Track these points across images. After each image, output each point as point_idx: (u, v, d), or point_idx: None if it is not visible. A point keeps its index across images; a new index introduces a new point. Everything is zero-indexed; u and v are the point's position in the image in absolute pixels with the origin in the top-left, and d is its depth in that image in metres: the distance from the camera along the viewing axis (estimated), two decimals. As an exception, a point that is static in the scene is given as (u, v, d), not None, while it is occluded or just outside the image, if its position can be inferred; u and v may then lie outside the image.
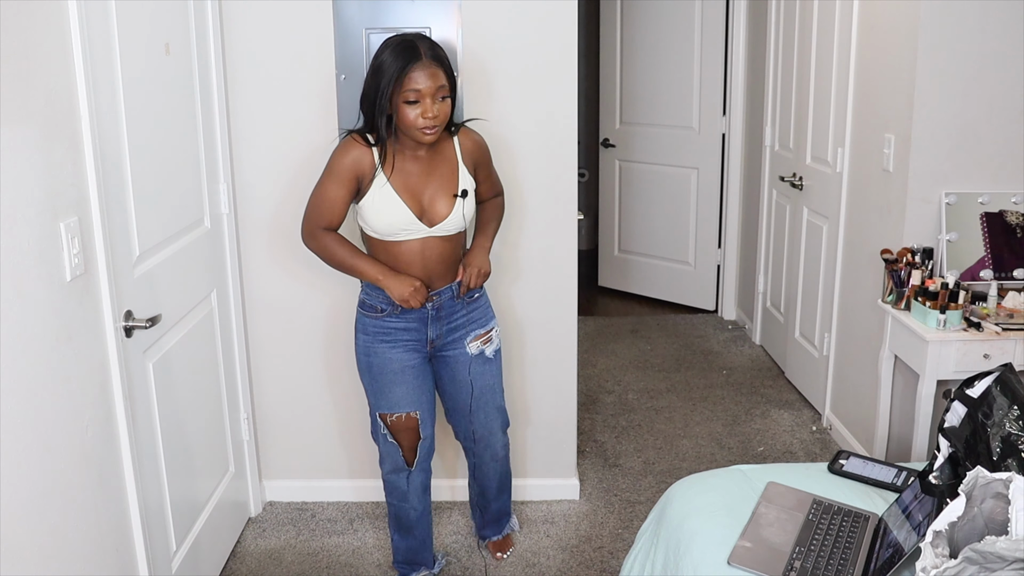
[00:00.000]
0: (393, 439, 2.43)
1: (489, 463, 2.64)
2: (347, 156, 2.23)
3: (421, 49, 2.13)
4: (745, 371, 4.24)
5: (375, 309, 2.35)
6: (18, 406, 1.62)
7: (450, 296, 2.37)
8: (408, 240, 2.27)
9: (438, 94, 2.15)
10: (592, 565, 2.74)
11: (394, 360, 2.36)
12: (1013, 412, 1.68)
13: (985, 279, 2.81)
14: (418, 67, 2.11)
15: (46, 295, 1.72)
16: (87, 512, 1.87)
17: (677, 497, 2.06)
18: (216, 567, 2.67)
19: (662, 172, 5.08)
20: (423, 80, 2.11)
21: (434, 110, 2.14)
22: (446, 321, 2.39)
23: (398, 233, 2.26)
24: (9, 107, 1.60)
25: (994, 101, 2.80)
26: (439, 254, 2.31)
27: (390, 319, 2.34)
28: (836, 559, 1.74)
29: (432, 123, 2.15)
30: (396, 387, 2.37)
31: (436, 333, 2.39)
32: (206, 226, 2.61)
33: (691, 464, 3.34)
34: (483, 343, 2.44)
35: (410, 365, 2.37)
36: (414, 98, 2.12)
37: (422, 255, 2.29)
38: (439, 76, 2.14)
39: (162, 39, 2.28)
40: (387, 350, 2.35)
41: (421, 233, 2.27)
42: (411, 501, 2.53)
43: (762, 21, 4.40)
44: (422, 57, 2.12)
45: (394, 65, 2.11)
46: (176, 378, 2.36)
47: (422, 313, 2.34)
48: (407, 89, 2.11)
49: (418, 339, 2.37)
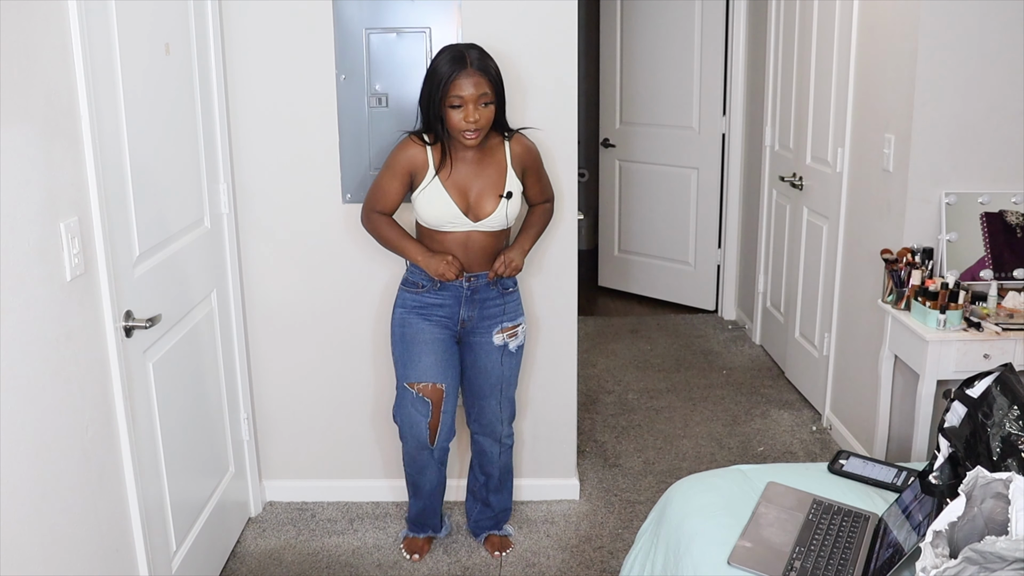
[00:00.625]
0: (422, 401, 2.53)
1: (493, 449, 2.72)
2: (403, 153, 2.47)
3: (468, 59, 2.34)
4: (745, 371, 4.24)
5: (416, 285, 2.54)
6: (18, 406, 1.62)
7: (486, 282, 2.53)
8: (454, 231, 2.48)
9: (480, 100, 2.34)
10: (592, 565, 2.74)
11: (425, 331, 2.53)
12: (1013, 412, 1.68)
13: (985, 279, 2.81)
14: (463, 75, 2.32)
15: (46, 295, 1.72)
16: (87, 512, 1.87)
17: (677, 497, 2.06)
18: (216, 567, 2.67)
19: (662, 172, 5.08)
20: (467, 87, 2.32)
21: (475, 115, 2.34)
22: (479, 305, 2.55)
23: (444, 225, 2.46)
24: (9, 107, 1.60)
25: (994, 101, 2.80)
26: (481, 246, 2.51)
27: (428, 295, 2.53)
28: (836, 559, 1.74)
29: (472, 126, 2.35)
30: (425, 356, 2.53)
31: (468, 315, 2.55)
32: (206, 226, 2.61)
33: (691, 464, 3.34)
34: (508, 336, 2.60)
35: (440, 338, 2.54)
36: (458, 103, 2.33)
37: (465, 246, 2.49)
38: (482, 84, 2.34)
39: (162, 39, 2.28)
40: (420, 321, 2.54)
41: (466, 227, 2.47)
42: (427, 475, 2.70)
43: (762, 21, 4.40)
44: (468, 66, 2.33)
45: (443, 73, 2.33)
46: (176, 378, 2.36)
47: (457, 292, 2.51)
48: (452, 95, 2.33)
49: (451, 316, 2.54)
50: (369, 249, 2.82)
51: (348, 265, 2.87)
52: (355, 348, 2.95)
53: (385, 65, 2.72)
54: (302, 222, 2.84)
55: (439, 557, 2.79)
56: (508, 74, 2.71)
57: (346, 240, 2.84)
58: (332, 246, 2.86)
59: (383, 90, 2.73)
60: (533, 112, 2.74)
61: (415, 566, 2.74)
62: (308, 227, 2.85)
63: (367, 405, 3.01)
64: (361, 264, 2.86)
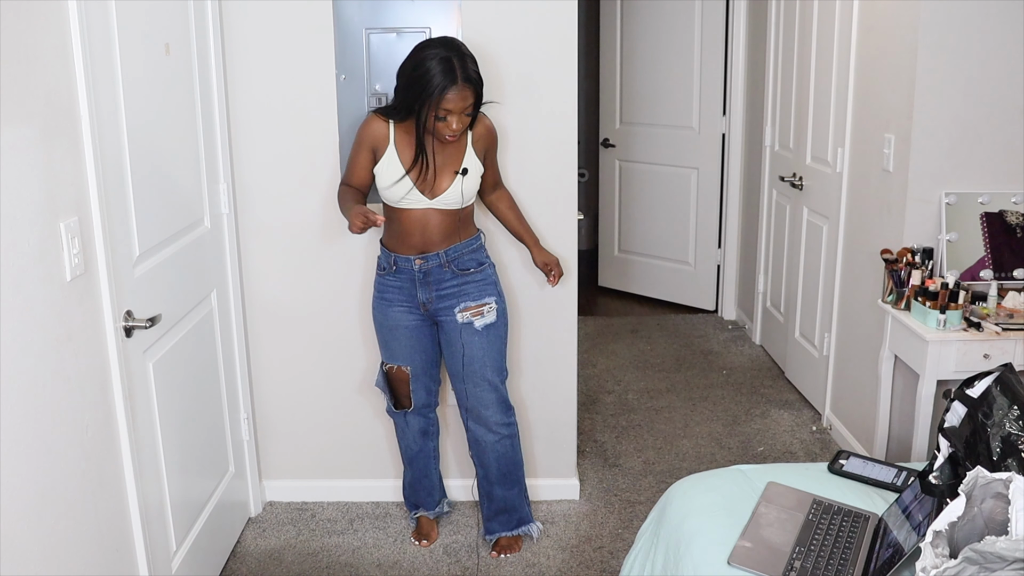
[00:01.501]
0: (388, 384, 2.75)
1: (485, 437, 2.71)
2: (366, 129, 2.54)
3: (458, 72, 2.36)
4: (745, 371, 4.24)
5: (380, 267, 2.66)
6: (18, 406, 1.62)
7: (438, 264, 2.57)
8: (411, 209, 2.52)
9: (465, 111, 2.42)
10: (592, 565, 2.74)
11: (390, 318, 2.65)
12: (1013, 412, 1.68)
13: (985, 279, 2.81)
14: (453, 90, 2.37)
15: (46, 295, 1.72)
16: (87, 512, 1.87)
17: (677, 497, 2.06)
18: (216, 567, 2.67)
19: (662, 172, 5.08)
20: (455, 102, 2.38)
21: (458, 123, 2.43)
22: (435, 288, 2.59)
23: (401, 200, 2.51)
24: (9, 107, 1.60)
25: (994, 101, 2.80)
26: (437, 224, 2.54)
27: (388, 277, 2.63)
28: (836, 559, 1.74)
29: (454, 133, 2.44)
30: (392, 342, 2.68)
31: (426, 297, 2.60)
32: (206, 226, 2.61)
33: (691, 464, 3.34)
34: (472, 315, 2.61)
35: (404, 325, 2.65)
36: (444, 115, 2.41)
37: (422, 223, 2.54)
38: (468, 97, 2.40)
39: (162, 39, 2.28)
40: (386, 307, 2.65)
41: (422, 204, 2.51)
42: (408, 439, 2.83)
43: (762, 21, 4.40)
44: (458, 81, 2.36)
45: (434, 85, 2.36)
46: (176, 378, 2.36)
47: (411, 274, 2.58)
48: (440, 108, 2.39)
49: (410, 299, 2.62)
50: (370, 249, 2.82)
51: (348, 265, 2.87)
52: (355, 348, 2.95)
53: (385, 65, 2.72)
54: (302, 222, 2.84)
55: (439, 557, 2.79)
56: (508, 74, 2.72)
57: (347, 240, 2.84)
58: (332, 246, 2.86)
59: (383, 90, 2.73)
60: (533, 112, 2.74)
61: (415, 566, 2.74)
62: (308, 227, 2.85)
63: (367, 405, 3.01)
64: (361, 264, 2.86)
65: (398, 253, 2.57)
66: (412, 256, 2.55)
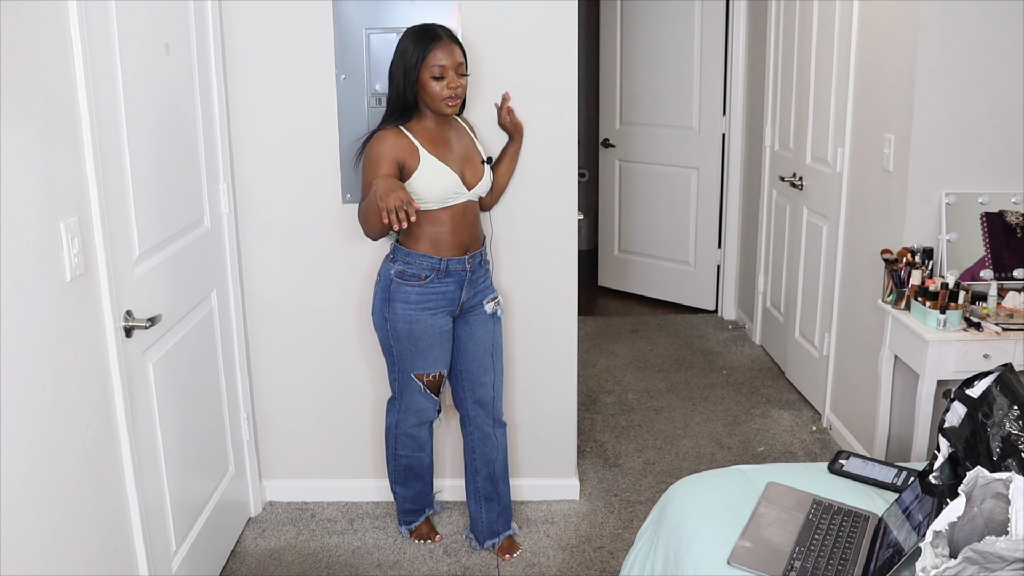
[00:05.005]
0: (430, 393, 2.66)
1: (495, 431, 2.73)
2: (385, 145, 2.44)
3: (440, 31, 2.41)
4: (745, 371, 4.24)
5: (417, 277, 2.53)
6: (18, 406, 1.62)
7: (480, 260, 2.60)
8: (454, 205, 2.51)
9: (459, 69, 2.42)
10: (592, 565, 2.74)
11: (435, 327, 2.56)
12: (1013, 412, 1.68)
13: (985, 279, 2.81)
14: (439, 46, 2.39)
15: (46, 295, 1.72)
16: (87, 512, 1.87)
17: (677, 497, 2.06)
18: (216, 567, 2.67)
19: (662, 172, 5.08)
20: (445, 57, 2.39)
21: (457, 82, 2.41)
22: (475, 285, 2.62)
23: (449, 198, 2.50)
24: (9, 107, 1.60)
25: (994, 101, 2.80)
26: (474, 216, 2.59)
27: (432, 284, 2.53)
28: (836, 559, 1.74)
29: (455, 93, 2.42)
30: (434, 350, 2.59)
31: (468, 295, 2.60)
32: (206, 226, 2.61)
33: (691, 464, 3.34)
34: (496, 305, 2.68)
35: (447, 330, 2.61)
36: (439, 73, 2.39)
37: (464, 217, 2.54)
38: (457, 53, 2.42)
39: (162, 39, 2.28)
40: (428, 317, 2.55)
41: (464, 197, 2.52)
42: (426, 450, 2.80)
43: (762, 21, 4.40)
44: (442, 38, 2.40)
45: (418, 47, 2.39)
46: (176, 378, 2.36)
47: (460, 276, 2.55)
48: (432, 65, 2.38)
49: (453, 301, 2.58)
50: (370, 249, 2.82)
51: (348, 265, 2.87)
52: (355, 348, 2.95)
53: (385, 65, 2.71)
54: (302, 222, 2.84)
55: (439, 557, 2.79)
56: (508, 74, 2.72)
57: (346, 240, 2.84)
58: (332, 246, 2.86)
59: (383, 90, 2.73)
60: (533, 112, 2.74)
61: (415, 566, 2.74)
62: (308, 227, 2.85)
63: (367, 405, 3.01)
64: (361, 264, 2.86)
65: (448, 256, 2.51)
66: (463, 256, 2.54)
